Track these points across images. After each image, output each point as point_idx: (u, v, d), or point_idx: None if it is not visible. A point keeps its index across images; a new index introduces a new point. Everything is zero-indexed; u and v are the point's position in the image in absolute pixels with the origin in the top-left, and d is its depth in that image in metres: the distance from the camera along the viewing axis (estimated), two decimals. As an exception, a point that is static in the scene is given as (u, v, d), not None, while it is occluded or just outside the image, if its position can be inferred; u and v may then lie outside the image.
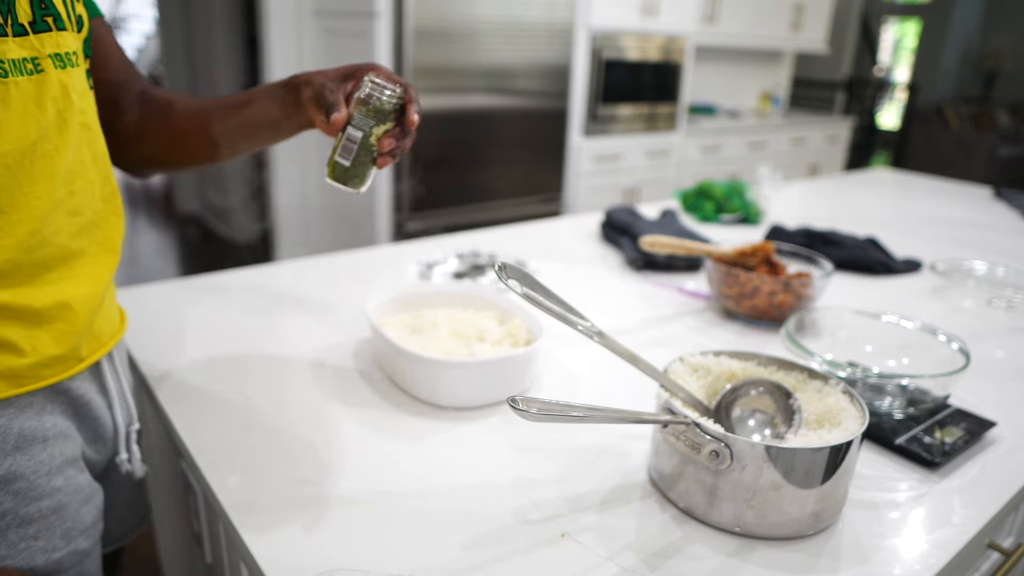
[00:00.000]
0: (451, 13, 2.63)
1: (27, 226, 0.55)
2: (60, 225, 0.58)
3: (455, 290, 1.00)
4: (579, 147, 3.23)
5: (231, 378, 0.86)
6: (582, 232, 1.60)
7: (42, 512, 0.58)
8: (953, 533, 0.64)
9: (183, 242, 4.37)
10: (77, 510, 0.61)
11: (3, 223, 0.53)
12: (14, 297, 0.55)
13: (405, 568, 0.57)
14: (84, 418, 0.65)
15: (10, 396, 0.56)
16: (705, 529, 0.63)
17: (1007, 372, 0.98)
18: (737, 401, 0.72)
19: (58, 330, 0.59)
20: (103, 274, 0.64)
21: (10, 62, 0.52)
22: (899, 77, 9.23)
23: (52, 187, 0.56)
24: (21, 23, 0.53)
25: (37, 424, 0.58)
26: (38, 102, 0.54)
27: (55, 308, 0.58)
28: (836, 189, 2.29)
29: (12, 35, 0.52)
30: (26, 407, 0.58)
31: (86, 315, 0.61)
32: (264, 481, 0.67)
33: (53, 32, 0.55)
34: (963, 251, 1.55)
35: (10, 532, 0.56)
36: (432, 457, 0.72)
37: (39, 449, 0.58)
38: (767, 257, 1.11)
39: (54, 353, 0.59)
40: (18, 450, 0.57)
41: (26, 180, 0.54)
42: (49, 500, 0.58)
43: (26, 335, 0.56)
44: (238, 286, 1.16)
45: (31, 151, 0.54)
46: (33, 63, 0.54)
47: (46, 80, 0.55)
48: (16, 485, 0.56)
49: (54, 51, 0.55)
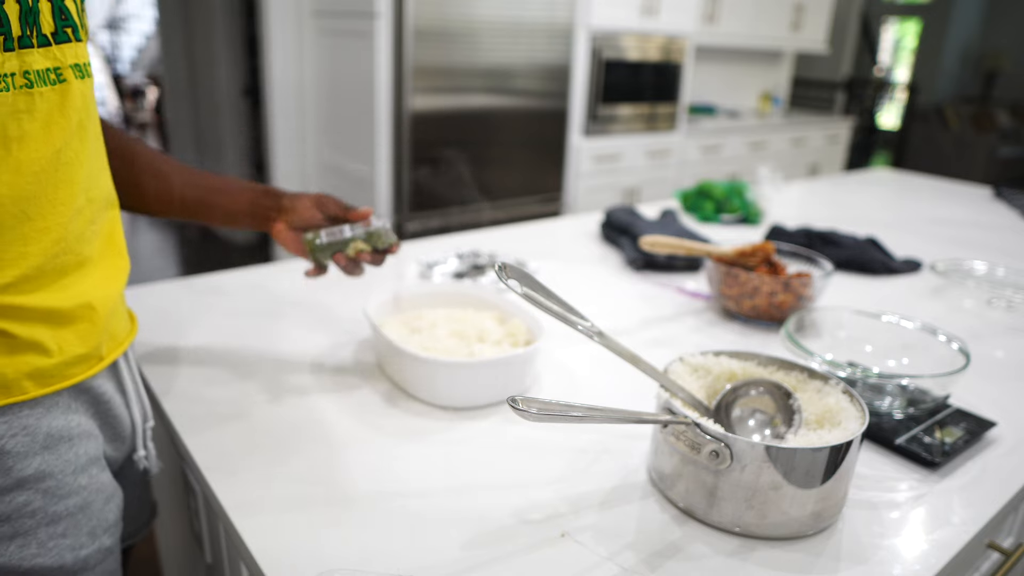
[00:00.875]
0: (451, 13, 2.63)
1: (53, 233, 0.56)
2: (80, 231, 0.59)
3: (455, 290, 1.00)
4: (579, 147, 3.23)
5: (231, 378, 0.86)
6: (582, 232, 1.60)
7: (69, 510, 0.59)
8: (953, 533, 0.64)
9: (183, 242, 4.37)
10: (101, 508, 0.62)
11: (31, 230, 0.55)
12: (41, 300, 0.56)
13: (405, 568, 0.57)
14: (105, 416, 0.66)
15: (39, 396, 0.57)
16: (705, 529, 0.63)
17: (1007, 372, 0.98)
18: (737, 401, 0.72)
19: (82, 329, 0.60)
20: (117, 276, 0.66)
21: (35, 73, 0.53)
22: (899, 77, 9.23)
23: (74, 194, 0.58)
24: (44, 34, 0.54)
25: (64, 423, 0.60)
26: (62, 111, 0.56)
27: (79, 308, 0.59)
28: (836, 189, 2.29)
29: (37, 45, 0.53)
30: (53, 406, 0.59)
31: (106, 314, 0.63)
32: (264, 481, 0.67)
33: (72, 43, 0.57)
34: (963, 251, 1.55)
35: (40, 531, 0.57)
36: (432, 457, 0.72)
37: (66, 448, 0.59)
38: (767, 257, 1.11)
39: (79, 352, 0.60)
40: (47, 449, 0.58)
41: (51, 188, 0.56)
42: (76, 498, 0.60)
43: (53, 335, 0.58)
44: (238, 286, 1.16)
45: (55, 159, 0.55)
46: (56, 73, 0.55)
47: (69, 90, 0.56)
48: (45, 484, 0.57)
49: (74, 61, 0.57)
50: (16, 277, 0.54)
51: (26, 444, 0.56)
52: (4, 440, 0.55)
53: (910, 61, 9.05)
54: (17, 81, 0.52)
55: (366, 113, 2.71)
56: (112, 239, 0.65)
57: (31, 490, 0.57)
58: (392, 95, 2.65)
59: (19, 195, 0.53)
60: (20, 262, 0.55)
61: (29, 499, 0.56)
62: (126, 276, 0.68)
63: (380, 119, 2.65)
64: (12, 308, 0.55)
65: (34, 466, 0.57)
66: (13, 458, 0.56)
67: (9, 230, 0.53)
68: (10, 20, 0.51)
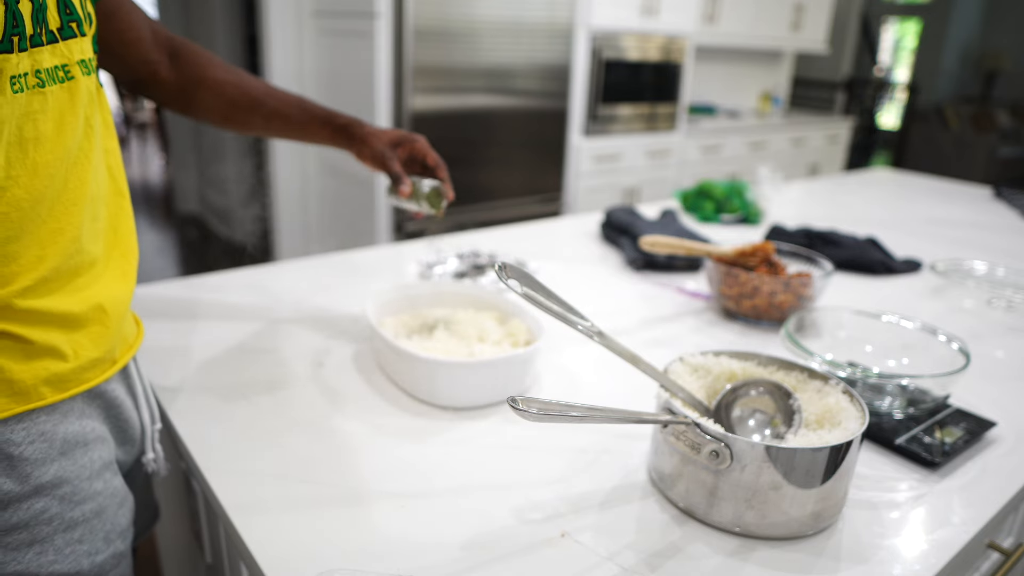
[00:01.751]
0: (451, 13, 2.63)
1: (68, 234, 0.56)
2: (90, 230, 0.59)
3: (455, 290, 1.00)
4: (579, 147, 3.23)
5: (231, 378, 0.86)
6: (582, 232, 1.60)
7: (85, 516, 0.59)
8: (953, 533, 0.64)
9: (183, 242, 4.37)
10: (115, 513, 0.62)
11: (47, 233, 0.54)
12: (56, 303, 0.56)
13: (405, 568, 0.57)
14: (117, 420, 0.65)
15: (56, 401, 0.57)
16: (705, 529, 0.63)
17: (1007, 372, 0.98)
18: (737, 401, 0.72)
19: (95, 332, 0.60)
20: (126, 276, 0.65)
21: (46, 71, 0.52)
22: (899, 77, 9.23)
23: (84, 193, 0.57)
24: (52, 30, 0.52)
25: (79, 428, 0.59)
26: (72, 110, 0.55)
27: (91, 311, 0.59)
28: (836, 189, 2.29)
29: (46, 43, 0.52)
30: (68, 412, 0.58)
31: (118, 316, 0.62)
32: (264, 481, 0.67)
33: (78, 38, 0.56)
34: (963, 251, 1.55)
35: (57, 537, 0.57)
36: (432, 457, 0.72)
37: (81, 453, 0.59)
38: (767, 257, 1.11)
39: (93, 356, 0.60)
40: (63, 455, 0.57)
41: (64, 189, 0.55)
42: (91, 504, 0.59)
43: (68, 339, 0.57)
44: (238, 286, 1.16)
45: (67, 158, 0.55)
46: (64, 70, 0.54)
47: (76, 87, 0.55)
48: (62, 490, 0.57)
49: (80, 57, 0.56)
50: (34, 280, 0.54)
51: (44, 451, 0.56)
52: (23, 447, 0.54)
53: (910, 61, 9.05)
54: (30, 81, 0.51)
55: (366, 113, 2.71)
56: (118, 232, 0.64)
57: (48, 496, 0.56)
58: (392, 95, 2.65)
59: (36, 197, 0.52)
60: (39, 265, 0.54)
61: (47, 506, 0.56)
62: (135, 273, 0.67)
63: (380, 119, 2.65)
64: (30, 313, 0.54)
65: (51, 472, 0.56)
66: (31, 465, 0.55)
67: (28, 234, 0.53)
68: (24, 19, 0.50)
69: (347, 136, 0.94)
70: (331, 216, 3.14)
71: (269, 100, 0.91)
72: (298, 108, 0.93)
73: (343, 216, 3.04)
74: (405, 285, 0.99)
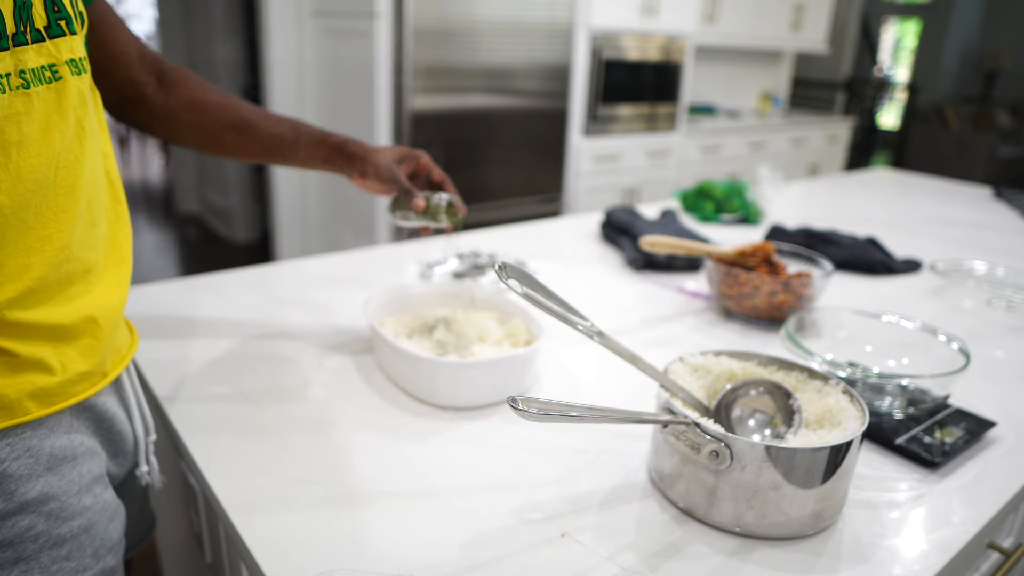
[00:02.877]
0: (451, 13, 2.63)
1: (56, 242, 0.53)
2: (83, 237, 0.56)
3: (455, 290, 1.00)
4: (579, 147, 3.23)
5: (231, 378, 0.86)
6: (582, 232, 1.60)
7: (73, 532, 0.57)
8: (953, 533, 0.64)
9: (183, 242, 4.37)
10: (105, 527, 0.60)
11: (33, 240, 0.52)
12: (45, 315, 0.54)
13: (405, 568, 0.57)
14: (108, 433, 0.64)
15: (42, 416, 0.55)
16: (705, 529, 0.63)
17: (1007, 372, 0.98)
18: (737, 401, 0.72)
19: (85, 345, 0.58)
20: (120, 285, 0.63)
21: (31, 71, 0.50)
22: (899, 77, 9.23)
23: (76, 199, 0.55)
24: (37, 28, 0.50)
25: (67, 443, 0.57)
26: (60, 112, 0.52)
27: (82, 323, 0.57)
28: (836, 189, 2.29)
29: (31, 42, 0.50)
30: (56, 426, 0.57)
31: (110, 328, 0.60)
32: (264, 481, 0.67)
33: (67, 36, 0.53)
34: (963, 251, 1.55)
35: (43, 555, 0.55)
36: (432, 457, 0.72)
37: (69, 468, 0.57)
38: (767, 257, 1.11)
39: (82, 369, 0.58)
40: (50, 471, 0.55)
41: (52, 194, 0.53)
42: (80, 519, 0.57)
43: (56, 352, 0.55)
44: (238, 286, 1.16)
45: (55, 163, 0.52)
46: (51, 70, 0.51)
47: (65, 88, 0.53)
48: (49, 507, 0.55)
49: (70, 56, 0.53)
50: (19, 291, 0.51)
51: (29, 466, 0.54)
52: (7, 463, 0.53)
53: (910, 61, 9.05)
54: (13, 82, 0.48)
55: (366, 113, 2.71)
56: (116, 241, 0.63)
57: (34, 513, 0.54)
58: (392, 95, 2.65)
59: (20, 203, 0.50)
60: (23, 275, 0.52)
61: (32, 523, 0.54)
62: (128, 283, 0.65)
63: (380, 119, 2.65)
64: (14, 325, 0.52)
65: (37, 489, 0.54)
66: (16, 481, 0.53)
67: (11, 242, 0.50)
68: (4, 17, 0.47)
69: (346, 155, 0.90)
70: (331, 216, 3.14)
71: (262, 122, 0.88)
72: (292, 129, 0.90)
73: (343, 216, 3.04)
74: (405, 285, 0.99)
